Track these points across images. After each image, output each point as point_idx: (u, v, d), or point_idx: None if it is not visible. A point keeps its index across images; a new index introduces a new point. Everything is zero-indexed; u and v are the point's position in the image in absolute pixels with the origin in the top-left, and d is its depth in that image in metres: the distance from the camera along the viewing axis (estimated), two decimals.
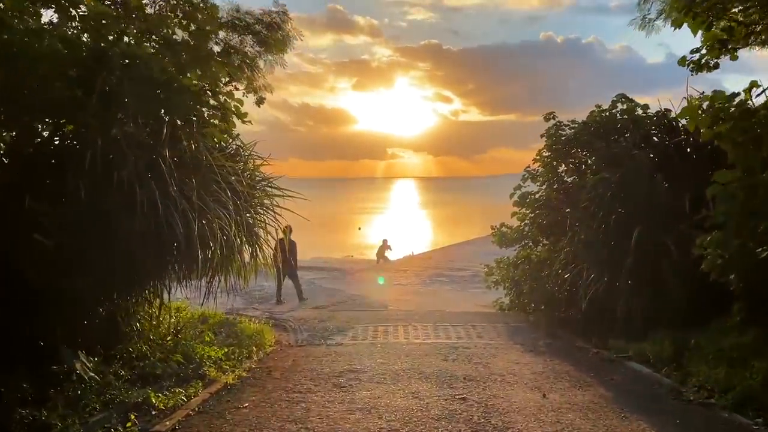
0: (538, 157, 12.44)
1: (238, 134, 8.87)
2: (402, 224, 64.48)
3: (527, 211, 12.35)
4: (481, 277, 20.77)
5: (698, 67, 7.15)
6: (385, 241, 27.22)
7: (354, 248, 40.37)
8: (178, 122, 6.64)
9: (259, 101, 14.27)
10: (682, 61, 7.21)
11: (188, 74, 6.95)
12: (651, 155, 9.25)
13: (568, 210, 11.27)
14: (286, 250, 13.92)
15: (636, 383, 7.30)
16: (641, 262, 8.33)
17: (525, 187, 12.51)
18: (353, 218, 76.25)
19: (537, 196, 12.01)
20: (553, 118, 12.02)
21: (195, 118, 6.95)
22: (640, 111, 10.70)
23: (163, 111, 6.45)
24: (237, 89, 10.30)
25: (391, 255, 26.93)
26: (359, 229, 56.43)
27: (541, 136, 12.23)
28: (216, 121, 7.71)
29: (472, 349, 9.20)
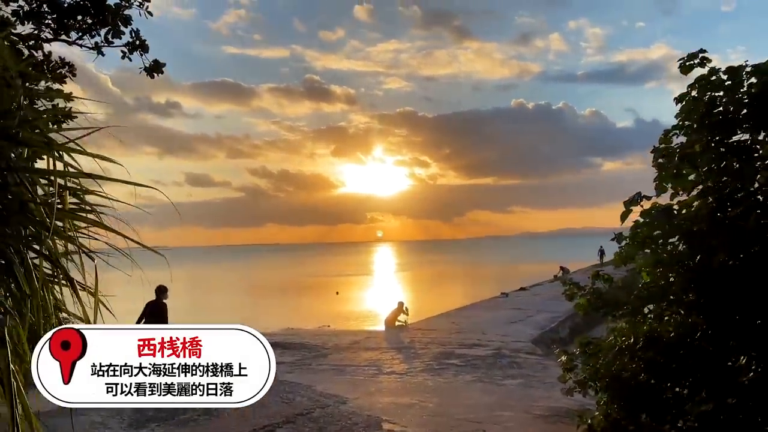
0: (662, 145, 6.58)
1: None
2: (385, 288, 58.90)
3: (661, 248, 6.24)
4: (509, 357, 14.57)
5: None
6: (401, 303, 21.01)
7: (331, 317, 35.16)
8: None
9: (155, 68, 8.38)
10: None
11: None
12: None
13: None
14: (156, 313, 12.58)
15: None
16: None
17: (646, 198, 6.47)
18: (331, 282, 70.37)
19: (688, 214, 5.95)
20: (704, 61, 6.21)
21: None
22: None
23: None
24: None
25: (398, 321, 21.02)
26: (337, 293, 51.87)
27: (677, 101, 6.41)
28: None
29: None
